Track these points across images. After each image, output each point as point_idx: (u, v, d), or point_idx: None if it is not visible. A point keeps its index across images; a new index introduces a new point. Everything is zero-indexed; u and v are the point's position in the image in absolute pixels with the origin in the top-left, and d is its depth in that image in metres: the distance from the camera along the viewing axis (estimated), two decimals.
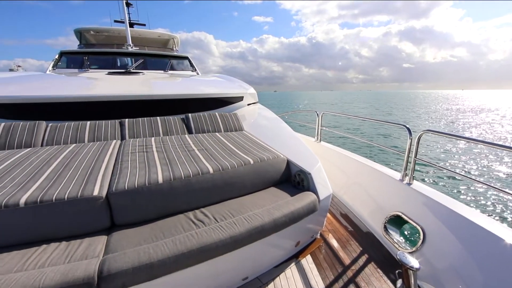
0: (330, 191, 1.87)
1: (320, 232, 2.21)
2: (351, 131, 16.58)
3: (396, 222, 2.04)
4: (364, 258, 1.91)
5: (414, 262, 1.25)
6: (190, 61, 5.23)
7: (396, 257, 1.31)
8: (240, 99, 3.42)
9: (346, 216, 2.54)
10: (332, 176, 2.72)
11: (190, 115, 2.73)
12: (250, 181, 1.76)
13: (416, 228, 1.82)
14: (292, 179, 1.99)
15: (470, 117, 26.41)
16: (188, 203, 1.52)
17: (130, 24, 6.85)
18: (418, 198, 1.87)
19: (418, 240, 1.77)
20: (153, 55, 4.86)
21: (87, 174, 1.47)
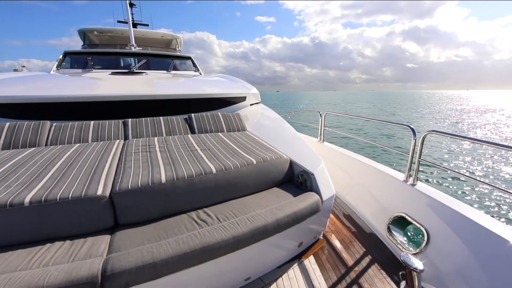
0: (333, 191, 1.86)
1: (323, 232, 2.20)
2: (354, 132, 16.50)
3: (400, 223, 2.03)
4: (367, 259, 1.90)
5: (418, 263, 1.24)
6: (193, 61, 5.25)
7: (400, 258, 1.30)
8: (242, 99, 3.42)
9: (349, 217, 2.52)
10: (335, 176, 2.71)
11: (193, 115, 2.74)
12: (253, 181, 1.76)
13: (420, 229, 1.80)
14: (295, 179, 1.98)
15: (475, 117, 26.12)
16: (191, 203, 1.52)
17: (134, 25, 6.88)
18: (422, 199, 1.85)
19: (422, 241, 1.76)
20: (156, 55, 4.88)
21: (90, 174, 1.47)
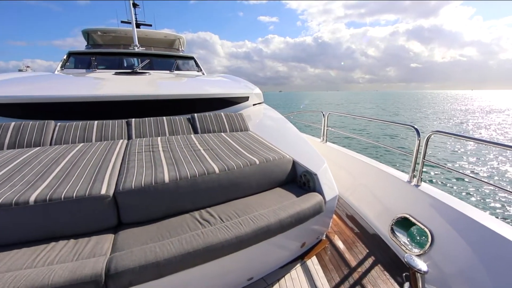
0: (336, 192, 1.85)
1: (326, 233, 2.19)
2: (357, 132, 16.42)
3: (403, 224, 2.01)
4: (370, 260, 1.89)
5: (422, 265, 1.23)
6: (195, 61, 5.26)
7: (404, 259, 1.29)
8: (245, 99, 3.42)
9: (352, 218, 2.51)
10: (338, 177, 2.70)
11: (196, 115, 2.74)
12: (255, 181, 1.75)
13: (424, 231, 1.79)
14: (298, 179, 1.98)
15: (480, 117, 25.85)
16: (194, 202, 1.52)
17: (137, 25, 6.92)
18: (426, 200, 1.84)
19: (426, 242, 1.74)
20: (159, 55, 4.90)
21: (94, 173, 1.48)
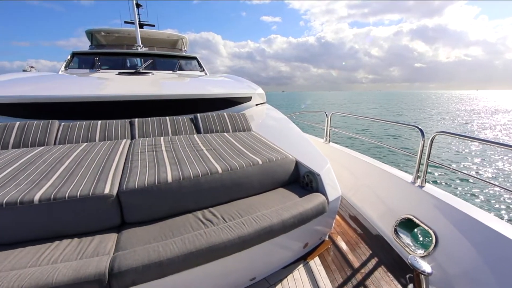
0: (339, 192, 1.84)
1: (329, 234, 2.18)
2: (360, 132, 16.34)
3: (407, 225, 1.99)
4: (373, 261, 1.87)
5: (426, 266, 1.22)
6: (198, 61, 5.27)
7: (407, 261, 1.28)
8: (248, 99, 3.42)
9: (355, 218, 2.50)
10: (341, 177, 2.68)
11: (198, 115, 2.75)
12: (258, 181, 1.75)
13: (428, 232, 1.77)
14: (300, 180, 1.97)
15: (485, 118, 25.56)
16: (197, 202, 1.52)
17: (140, 25, 6.96)
18: (430, 201, 1.82)
19: (430, 244, 1.73)
20: (162, 55, 4.92)
21: (98, 173, 1.49)
